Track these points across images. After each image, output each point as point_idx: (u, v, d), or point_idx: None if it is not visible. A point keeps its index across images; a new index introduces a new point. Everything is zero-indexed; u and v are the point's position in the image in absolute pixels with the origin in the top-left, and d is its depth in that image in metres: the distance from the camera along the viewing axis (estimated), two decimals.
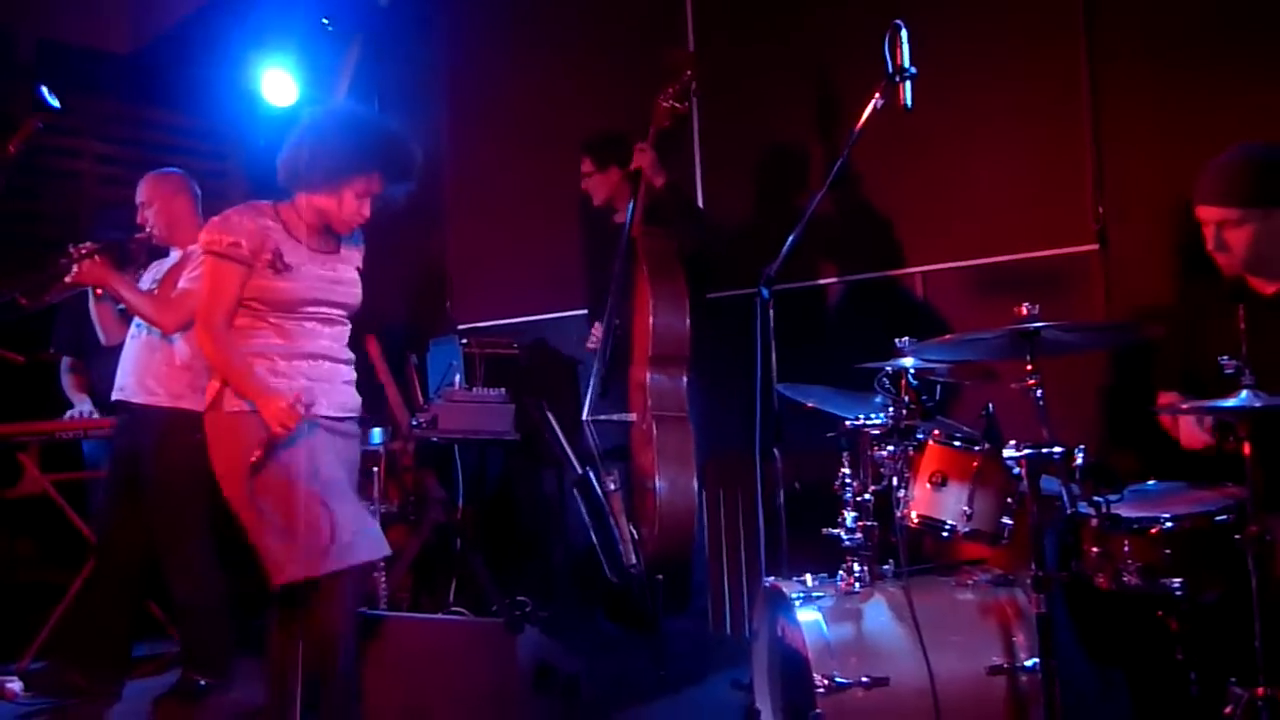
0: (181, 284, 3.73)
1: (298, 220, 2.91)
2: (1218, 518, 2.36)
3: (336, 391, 2.92)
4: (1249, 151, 2.67)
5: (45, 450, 4.41)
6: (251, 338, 2.83)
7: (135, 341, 3.78)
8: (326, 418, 2.86)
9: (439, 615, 3.36)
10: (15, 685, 3.86)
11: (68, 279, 3.73)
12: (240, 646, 3.83)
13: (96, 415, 4.37)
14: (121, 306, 3.84)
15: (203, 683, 3.72)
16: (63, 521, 4.36)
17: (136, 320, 3.77)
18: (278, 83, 5.27)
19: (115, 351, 4.37)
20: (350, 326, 3.00)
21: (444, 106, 5.56)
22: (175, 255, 3.89)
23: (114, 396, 3.80)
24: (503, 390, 4.35)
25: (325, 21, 5.38)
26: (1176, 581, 2.35)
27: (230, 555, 3.92)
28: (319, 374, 2.88)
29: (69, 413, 4.42)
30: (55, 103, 2.51)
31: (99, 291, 3.79)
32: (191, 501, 3.67)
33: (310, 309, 2.88)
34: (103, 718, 3.69)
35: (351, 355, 2.98)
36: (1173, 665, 2.44)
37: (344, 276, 2.97)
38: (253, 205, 2.91)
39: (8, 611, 4.51)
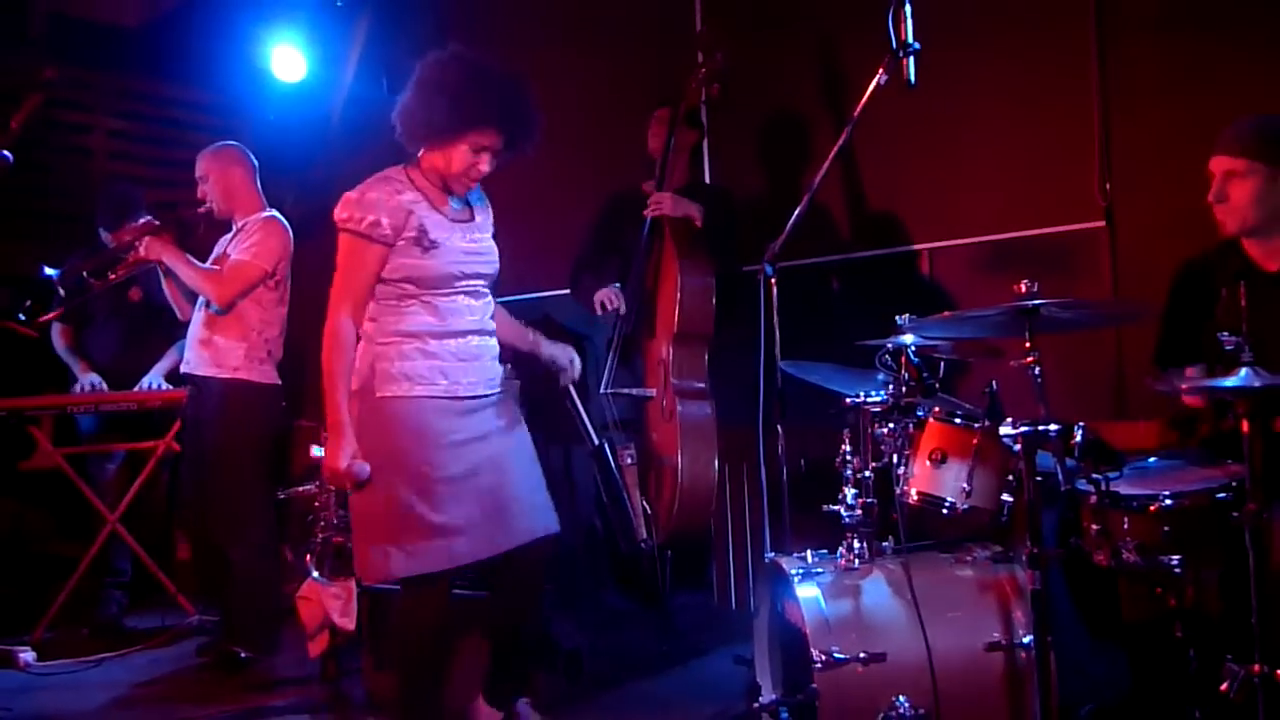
0: (234, 256, 3.80)
1: (432, 188, 2.74)
2: (1217, 495, 2.36)
3: (483, 368, 2.78)
4: (1272, 117, 2.72)
5: (56, 424, 4.47)
6: (405, 316, 2.67)
7: (199, 314, 3.86)
8: (469, 397, 2.72)
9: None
10: (29, 655, 3.94)
11: (132, 257, 3.82)
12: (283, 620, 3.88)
13: (105, 388, 4.43)
14: None
15: (244, 655, 3.78)
16: (74, 494, 4.42)
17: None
18: (287, 58, 5.28)
19: (115, 323, 4.43)
20: (491, 297, 2.87)
21: None
22: (236, 227, 3.94)
23: (181, 369, 3.92)
24: (508, 365, 4.36)
25: None
26: (1175, 559, 2.35)
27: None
28: (468, 352, 2.74)
29: (76, 385, 4.47)
30: (54, 78, 2.52)
31: (164, 268, 3.84)
32: (250, 470, 3.79)
33: (459, 284, 2.73)
34: (116, 692, 3.76)
35: (494, 326, 2.86)
36: (1171, 641, 2.45)
37: (484, 247, 2.82)
38: (385, 178, 2.70)
39: (20, 584, 4.59)
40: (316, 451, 3.15)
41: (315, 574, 3.43)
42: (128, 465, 4.51)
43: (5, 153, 2.52)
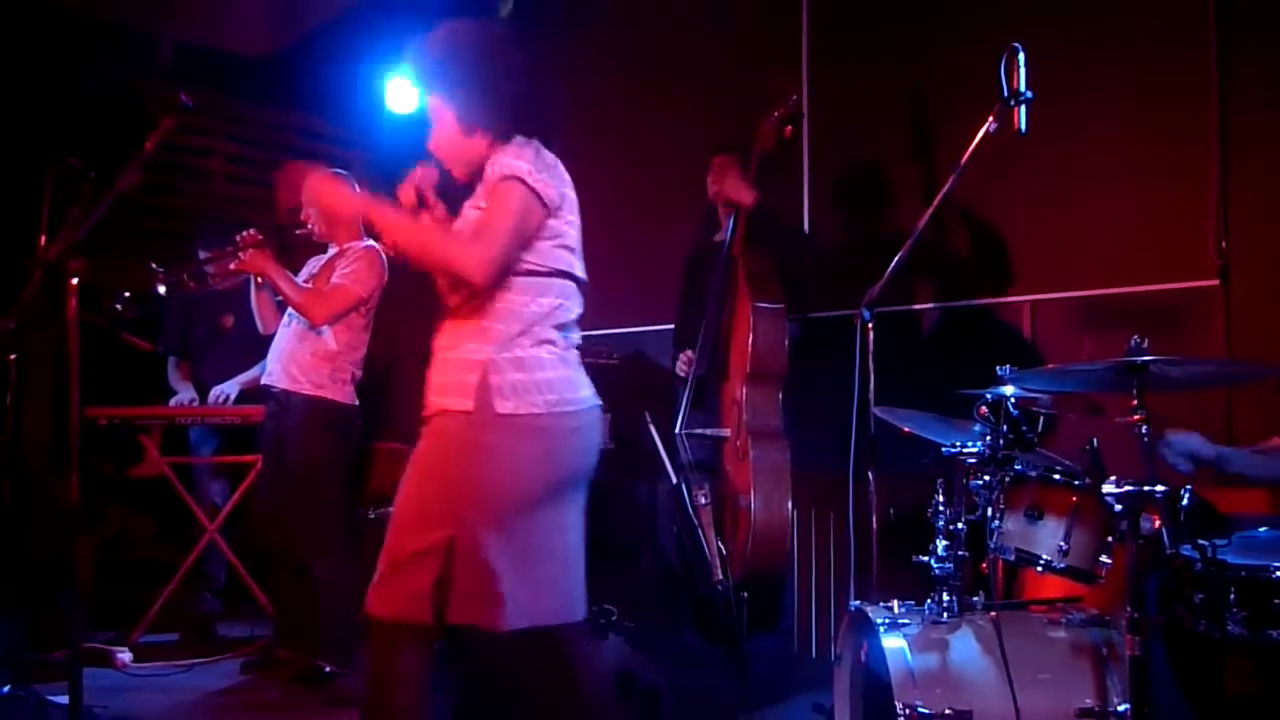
0: (334, 279, 3.90)
1: None
2: None
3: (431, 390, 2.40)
4: None
5: (165, 434, 4.65)
6: None
7: (286, 330, 3.95)
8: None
9: None
10: (126, 656, 4.07)
11: (232, 265, 3.93)
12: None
13: (197, 401, 4.62)
14: (279, 297, 4.01)
15: (328, 669, 3.83)
16: (177, 502, 4.58)
17: (289, 309, 3.95)
18: (401, 90, 5.44)
19: (216, 350, 4.60)
20: (482, 304, 2.32)
21: None
22: (332, 251, 4.05)
23: (262, 381, 4.00)
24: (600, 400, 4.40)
25: None
26: None
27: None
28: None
29: (174, 400, 4.68)
30: (188, 102, 2.63)
31: (259, 280, 3.95)
32: (331, 486, 3.85)
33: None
34: (206, 698, 3.86)
35: (455, 342, 2.35)
36: None
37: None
38: None
39: (123, 586, 4.76)
40: None
41: None
42: (229, 477, 4.67)
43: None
